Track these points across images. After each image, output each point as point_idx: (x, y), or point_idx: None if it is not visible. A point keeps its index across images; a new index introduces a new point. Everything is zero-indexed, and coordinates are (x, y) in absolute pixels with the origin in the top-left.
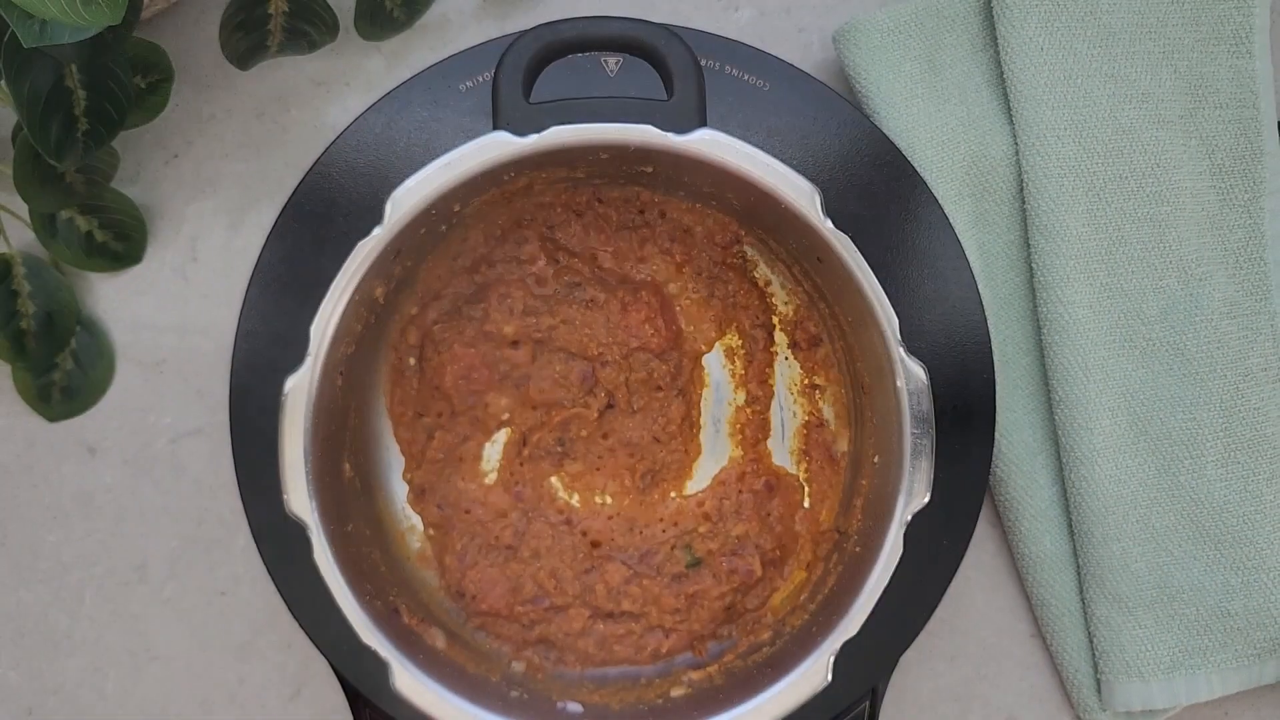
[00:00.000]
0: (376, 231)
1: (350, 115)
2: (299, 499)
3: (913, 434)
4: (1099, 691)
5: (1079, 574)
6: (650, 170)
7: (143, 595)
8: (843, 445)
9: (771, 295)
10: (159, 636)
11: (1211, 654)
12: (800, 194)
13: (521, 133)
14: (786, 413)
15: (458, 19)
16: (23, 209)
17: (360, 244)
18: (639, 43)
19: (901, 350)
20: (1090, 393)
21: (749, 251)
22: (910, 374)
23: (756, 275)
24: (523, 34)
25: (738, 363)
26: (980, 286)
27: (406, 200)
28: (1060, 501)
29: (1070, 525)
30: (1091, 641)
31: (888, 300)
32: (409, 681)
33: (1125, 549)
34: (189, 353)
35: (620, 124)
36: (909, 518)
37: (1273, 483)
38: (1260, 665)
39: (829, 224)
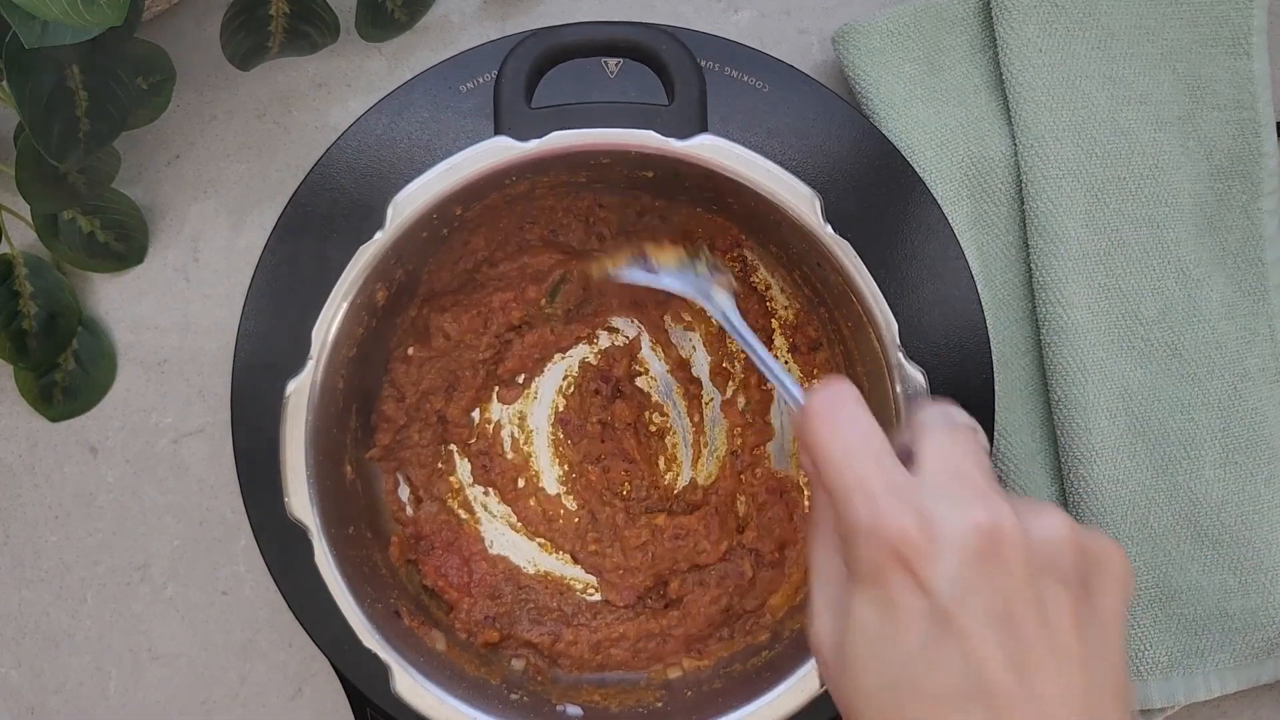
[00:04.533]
0: (378, 236)
1: (351, 116)
2: (300, 502)
3: None
4: None
5: None
6: (651, 175)
7: (144, 595)
8: None
9: (771, 299)
10: (161, 636)
11: (1209, 654)
12: (800, 200)
13: (523, 138)
14: (786, 416)
15: (458, 20)
16: (25, 209)
17: (362, 248)
18: (640, 47)
19: (901, 355)
20: (1089, 394)
21: (749, 256)
22: (909, 379)
23: (756, 279)
24: (524, 38)
25: (738, 366)
26: (979, 287)
27: (408, 204)
28: (1059, 502)
29: None
30: None
31: (887, 306)
32: (409, 684)
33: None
34: (191, 353)
35: (621, 129)
36: None
37: (1270, 483)
38: (1258, 665)
39: (829, 229)
